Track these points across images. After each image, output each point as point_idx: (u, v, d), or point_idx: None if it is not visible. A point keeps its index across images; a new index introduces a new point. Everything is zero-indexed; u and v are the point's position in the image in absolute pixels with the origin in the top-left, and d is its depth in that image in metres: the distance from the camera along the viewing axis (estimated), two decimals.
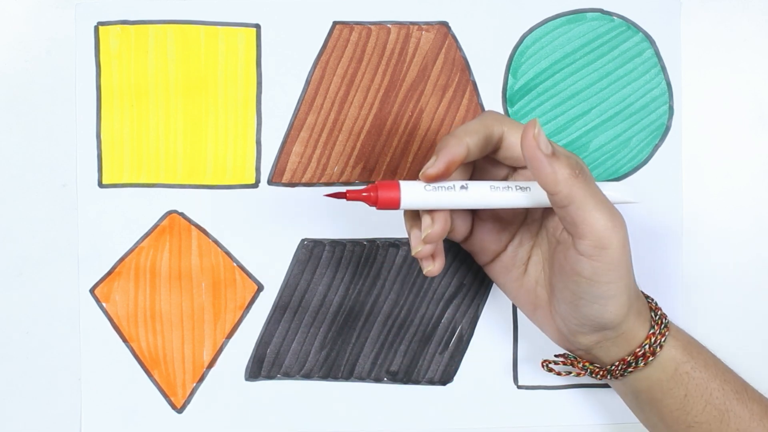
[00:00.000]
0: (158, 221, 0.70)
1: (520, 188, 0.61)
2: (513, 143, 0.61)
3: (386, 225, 0.70)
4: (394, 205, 0.59)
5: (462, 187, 0.60)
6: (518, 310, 0.70)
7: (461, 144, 0.59)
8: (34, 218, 0.70)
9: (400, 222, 0.70)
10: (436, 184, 0.60)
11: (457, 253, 0.70)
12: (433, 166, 0.59)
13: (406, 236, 0.70)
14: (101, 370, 0.70)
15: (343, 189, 0.69)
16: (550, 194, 0.58)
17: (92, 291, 0.70)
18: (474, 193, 0.60)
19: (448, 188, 0.60)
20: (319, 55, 0.70)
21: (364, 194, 0.60)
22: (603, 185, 0.62)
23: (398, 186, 0.59)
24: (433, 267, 0.61)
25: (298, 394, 0.70)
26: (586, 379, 0.70)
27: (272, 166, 0.70)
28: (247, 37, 0.70)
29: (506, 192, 0.61)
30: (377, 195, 0.59)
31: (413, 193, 0.59)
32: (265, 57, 0.70)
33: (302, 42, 0.70)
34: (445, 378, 0.71)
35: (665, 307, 0.69)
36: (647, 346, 0.62)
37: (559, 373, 0.66)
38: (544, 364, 0.66)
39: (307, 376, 0.70)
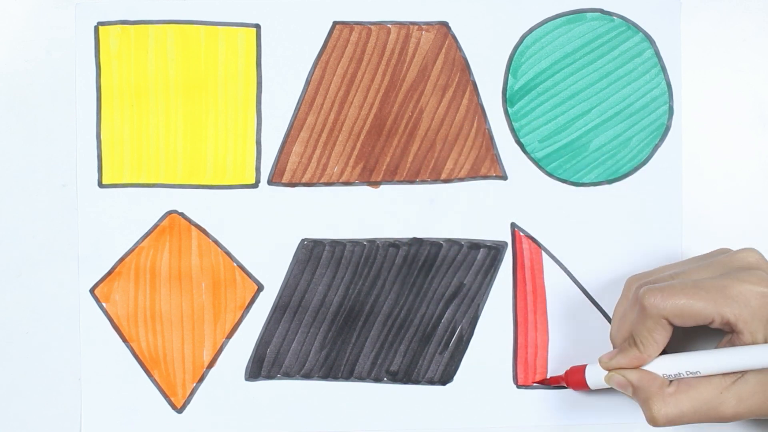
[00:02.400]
0: (158, 221, 0.70)
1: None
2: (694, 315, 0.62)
3: (386, 225, 0.70)
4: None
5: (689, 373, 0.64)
6: (518, 310, 0.70)
7: (646, 355, 0.64)
8: (34, 218, 0.70)
9: (400, 222, 0.70)
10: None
11: (457, 252, 0.70)
12: (615, 364, 0.65)
13: (406, 236, 0.70)
14: (101, 370, 0.70)
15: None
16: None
17: (92, 291, 0.70)
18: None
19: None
20: (319, 55, 0.70)
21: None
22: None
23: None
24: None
25: (298, 394, 0.70)
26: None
27: (272, 166, 0.70)
28: (247, 37, 0.70)
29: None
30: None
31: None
32: (265, 57, 0.70)
33: (302, 42, 0.70)
34: (445, 378, 0.71)
35: None
36: None
37: None
38: None
39: (307, 376, 0.70)
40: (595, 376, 0.66)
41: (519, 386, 0.70)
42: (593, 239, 0.70)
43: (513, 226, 0.70)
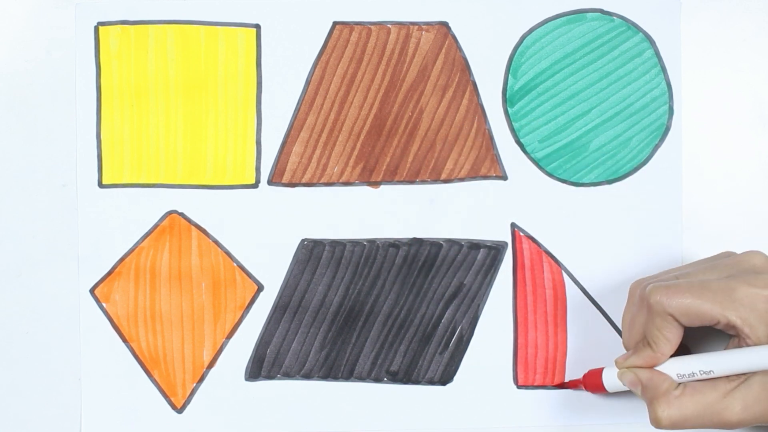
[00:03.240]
0: (158, 221, 0.70)
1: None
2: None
3: (386, 225, 0.70)
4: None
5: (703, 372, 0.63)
6: (518, 310, 0.70)
7: (659, 353, 0.64)
8: (34, 218, 0.70)
9: (400, 222, 0.70)
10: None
11: (457, 252, 0.70)
12: (630, 363, 0.65)
13: (407, 236, 0.70)
14: (101, 370, 0.70)
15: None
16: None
17: (92, 291, 0.70)
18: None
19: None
20: (319, 55, 0.70)
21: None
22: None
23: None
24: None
25: (298, 394, 0.70)
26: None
27: (272, 166, 0.70)
28: (247, 37, 0.70)
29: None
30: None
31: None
32: (265, 57, 0.70)
33: (302, 42, 0.70)
34: (445, 378, 0.71)
35: None
36: None
37: None
38: None
39: (307, 376, 0.70)
40: (612, 378, 0.66)
41: (519, 386, 0.70)
42: (593, 239, 0.70)
43: (513, 226, 0.70)
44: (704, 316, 0.61)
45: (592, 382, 0.68)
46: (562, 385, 0.70)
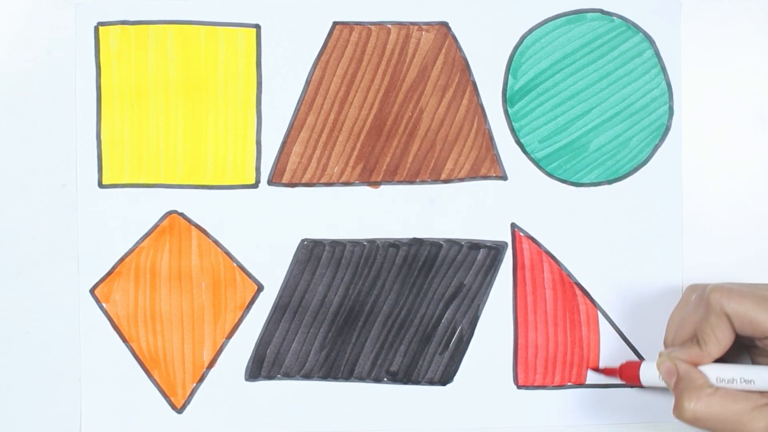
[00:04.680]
0: (158, 221, 0.70)
1: None
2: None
3: (386, 225, 0.70)
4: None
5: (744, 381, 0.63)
6: (518, 310, 0.70)
7: (706, 352, 0.64)
8: (34, 218, 0.70)
9: (400, 222, 0.70)
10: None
11: (457, 252, 0.70)
12: (674, 356, 0.65)
13: (407, 236, 0.70)
14: (101, 370, 0.70)
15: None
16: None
17: (92, 291, 0.70)
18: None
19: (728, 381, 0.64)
20: (319, 56, 0.70)
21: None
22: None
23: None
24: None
25: (298, 394, 0.70)
26: (586, 379, 0.70)
27: (272, 166, 0.70)
28: (247, 37, 0.70)
29: None
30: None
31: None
32: (265, 57, 0.70)
33: (302, 42, 0.70)
34: (445, 378, 0.71)
35: (665, 308, 0.69)
36: None
37: None
38: None
39: (307, 376, 0.70)
40: (649, 371, 0.66)
41: (519, 386, 0.70)
42: (593, 239, 0.70)
43: (513, 226, 0.71)
44: (759, 326, 0.62)
45: (628, 373, 0.68)
46: (596, 370, 0.70)
